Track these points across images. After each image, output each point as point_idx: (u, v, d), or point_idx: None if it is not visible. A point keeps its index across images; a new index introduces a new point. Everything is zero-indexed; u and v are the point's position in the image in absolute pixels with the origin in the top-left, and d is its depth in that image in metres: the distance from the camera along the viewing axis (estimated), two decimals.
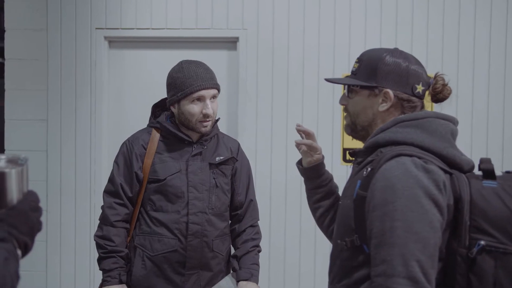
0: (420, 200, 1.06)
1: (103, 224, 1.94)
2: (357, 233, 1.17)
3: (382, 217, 1.08)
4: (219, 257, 2.00)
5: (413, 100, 1.25)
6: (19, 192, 0.86)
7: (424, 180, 1.08)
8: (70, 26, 3.23)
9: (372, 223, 1.10)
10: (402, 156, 1.12)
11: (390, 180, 1.09)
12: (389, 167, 1.11)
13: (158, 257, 1.91)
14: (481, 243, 1.06)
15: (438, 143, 1.17)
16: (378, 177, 1.12)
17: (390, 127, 1.22)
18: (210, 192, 1.95)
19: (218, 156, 1.99)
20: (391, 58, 1.25)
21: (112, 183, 1.97)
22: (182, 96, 1.88)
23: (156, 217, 1.93)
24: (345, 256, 1.22)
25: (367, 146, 1.25)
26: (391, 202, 1.07)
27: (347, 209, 1.22)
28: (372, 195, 1.12)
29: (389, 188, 1.08)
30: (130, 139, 2.00)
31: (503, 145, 3.20)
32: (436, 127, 1.20)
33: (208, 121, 1.91)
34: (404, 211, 1.06)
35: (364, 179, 1.18)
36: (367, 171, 1.18)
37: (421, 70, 1.26)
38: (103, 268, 1.90)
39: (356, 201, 1.18)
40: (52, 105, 3.23)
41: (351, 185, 1.25)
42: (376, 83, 1.25)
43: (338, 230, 1.27)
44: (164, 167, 1.93)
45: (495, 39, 3.20)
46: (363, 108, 1.29)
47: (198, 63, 1.94)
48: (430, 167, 1.11)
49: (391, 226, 1.06)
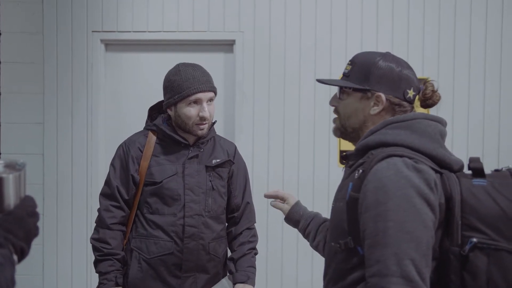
0: (412, 200, 1.07)
1: (99, 227, 1.94)
2: (351, 235, 1.18)
3: (375, 218, 1.09)
4: (215, 259, 2.00)
5: (404, 104, 1.26)
6: (16, 197, 0.85)
7: (415, 180, 1.09)
8: (66, 29, 3.23)
9: (365, 224, 1.11)
10: (393, 157, 1.13)
11: (382, 180, 1.10)
12: (380, 168, 1.12)
13: (155, 259, 1.91)
14: (473, 240, 1.07)
15: (428, 143, 1.18)
16: (369, 178, 1.13)
17: (380, 129, 1.23)
18: (207, 194, 1.95)
19: (214, 159, 1.99)
20: (384, 63, 1.26)
21: (108, 185, 1.97)
22: (179, 99, 1.88)
23: (152, 220, 1.92)
24: (339, 258, 1.22)
25: (357, 148, 1.26)
26: (384, 203, 1.08)
27: (340, 211, 1.23)
28: (364, 196, 1.13)
29: (381, 189, 1.09)
30: (127, 141, 2.00)
31: (499, 147, 3.22)
32: (425, 128, 1.21)
33: (204, 124, 1.92)
34: (397, 211, 1.07)
35: (355, 181, 1.18)
36: (358, 173, 1.18)
37: (412, 76, 1.27)
38: (99, 271, 1.90)
39: (349, 203, 1.19)
40: (48, 108, 3.23)
41: (343, 187, 1.26)
42: (369, 86, 1.26)
43: (331, 233, 1.28)
44: (161, 170, 1.93)
45: (491, 40, 3.22)
46: (355, 110, 1.30)
47: (195, 66, 1.95)
48: (420, 166, 1.12)
49: (384, 226, 1.07)
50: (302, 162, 3.23)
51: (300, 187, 3.21)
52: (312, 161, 3.23)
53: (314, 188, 3.19)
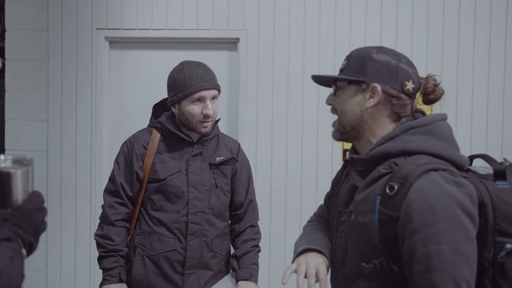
0: (460, 219, 1.04)
1: (104, 223, 1.95)
2: (384, 253, 1.13)
3: (425, 241, 1.05)
4: (218, 256, 2.01)
5: (403, 97, 1.21)
6: (24, 193, 0.86)
7: (459, 196, 1.06)
8: (71, 27, 3.23)
9: (413, 247, 1.06)
10: (430, 171, 1.09)
11: (428, 201, 1.06)
12: (422, 186, 1.07)
13: (158, 256, 1.92)
14: (508, 246, 1.06)
15: (448, 148, 1.16)
16: (412, 198, 1.07)
17: (399, 135, 1.18)
18: (210, 192, 1.96)
19: (218, 156, 1.99)
20: (379, 54, 1.21)
21: (112, 182, 1.98)
22: (183, 96, 1.89)
23: (156, 217, 1.93)
24: (370, 277, 1.16)
25: (372, 155, 1.20)
26: (433, 225, 1.04)
27: (367, 228, 1.16)
28: (409, 217, 1.07)
29: (428, 210, 1.05)
30: (131, 138, 2.01)
31: (503, 147, 3.21)
32: (443, 131, 1.18)
33: (208, 122, 1.92)
34: (447, 232, 1.04)
35: (389, 198, 1.12)
36: (392, 189, 1.11)
37: (411, 70, 1.22)
38: (103, 267, 1.91)
39: (382, 221, 1.12)
40: (52, 105, 3.24)
41: (366, 200, 1.18)
42: (363, 78, 1.21)
43: (357, 249, 1.20)
44: (165, 167, 1.93)
45: (495, 40, 3.21)
46: (351, 104, 1.24)
47: (199, 64, 1.95)
48: (460, 180, 1.09)
49: (437, 249, 1.04)
50: (305, 161, 3.23)
51: (303, 186, 3.20)
52: (315, 159, 3.23)
53: (317, 187, 3.19)
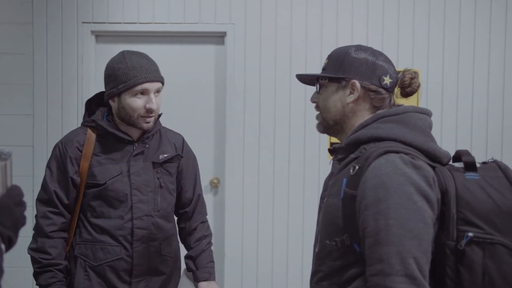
0: (412, 197, 1.07)
1: (38, 236, 1.79)
2: (347, 232, 1.17)
3: (376, 216, 1.08)
4: (168, 260, 1.89)
5: (381, 91, 1.26)
6: (3, 187, 0.85)
7: (414, 177, 1.09)
8: (56, 20, 3.20)
9: (365, 222, 1.10)
10: (390, 153, 1.13)
11: (381, 178, 1.10)
12: (378, 165, 1.12)
13: (102, 266, 1.78)
14: (469, 235, 1.08)
15: (419, 137, 1.19)
16: (368, 175, 1.12)
17: (371, 123, 1.23)
18: (155, 193, 1.83)
19: (161, 154, 1.86)
20: (357, 52, 1.28)
21: (45, 190, 1.79)
22: (124, 88, 1.72)
23: (97, 224, 1.78)
24: (335, 256, 1.21)
25: (347, 143, 1.25)
26: (384, 201, 1.08)
27: (334, 208, 1.22)
28: (364, 194, 1.12)
29: (380, 186, 1.09)
30: (63, 140, 1.83)
31: (487, 140, 3.26)
32: (416, 121, 1.21)
33: (151, 117, 1.76)
34: (398, 208, 1.07)
35: (351, 177, 1.17)
36: (354, 169, 1.17)
37: (388, 66, 1.28)
38: (39, 284, 1.76)
39: (344, 200, 1.18)
40: (38, 100, 3.21)
41: (336, 183, 1.24)
42: (343, 75, 1.27)
43: (325, 230, 1.26)
44: (103, 170, 1.77)
45: (479, 34, 3.24)
46: (333, 101, 1.30)
47: (141, 54, 1.81)
48: (418, 163, 1.12)
49: (385, 224, 1.07)
50: (293, 155, 3.24)
51: (291, 180, 3.22)
52: (303, 154, 3.24)
53: (304, 181, 3.21)
